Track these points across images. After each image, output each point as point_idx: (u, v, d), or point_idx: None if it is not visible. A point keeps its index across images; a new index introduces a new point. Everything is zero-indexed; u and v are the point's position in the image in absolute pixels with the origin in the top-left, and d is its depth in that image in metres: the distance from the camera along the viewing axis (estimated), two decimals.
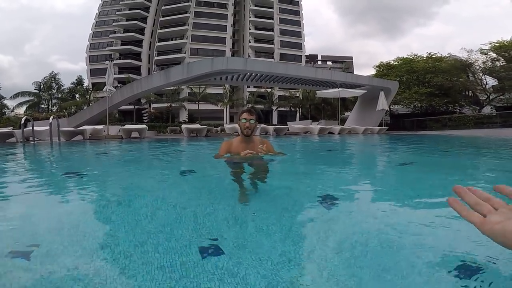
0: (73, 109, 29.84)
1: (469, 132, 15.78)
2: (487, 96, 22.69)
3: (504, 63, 20.47)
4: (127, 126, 11.70)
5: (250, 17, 46.44)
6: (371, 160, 4.49)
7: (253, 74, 16.76)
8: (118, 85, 28.83)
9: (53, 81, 34.78)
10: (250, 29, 46.12)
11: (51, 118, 8.47)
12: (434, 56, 25.13)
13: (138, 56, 45.04)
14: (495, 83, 22.18)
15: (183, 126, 12.61)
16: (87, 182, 2.33)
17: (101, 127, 11.84)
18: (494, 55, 20.96)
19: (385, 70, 25.75)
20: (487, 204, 0.40)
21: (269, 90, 34.53)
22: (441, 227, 1.15)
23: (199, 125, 13.60)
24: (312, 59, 64.70)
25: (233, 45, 46.97)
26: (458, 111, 24.53)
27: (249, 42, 45.76)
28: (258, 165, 2.53)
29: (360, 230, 1.16)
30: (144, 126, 12.04)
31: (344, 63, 56.29)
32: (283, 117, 36.20)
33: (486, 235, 0.37)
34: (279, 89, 35.27)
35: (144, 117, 34.39)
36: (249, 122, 2.50)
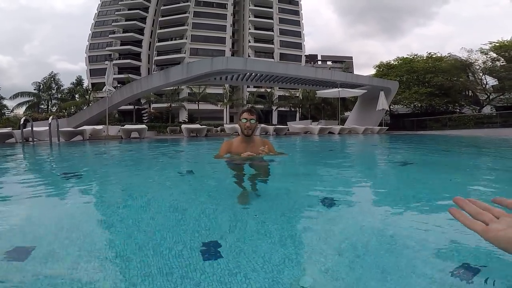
0: (72, 110, 29.81)
1: (469, 132, 15.78)
2: (487, 96, 22.70)
3: (504, 63, 20.49)
4: (127, 126, 11.69)
5: (249, 17, 46.44)
6: (371, 160, 4.49)
7: (253, 74, 16.75)
8: (118, 85, 28.76)
9: (53, 82, 34.70)
10: (249, 29, 46.12)
11: (50, 119, 8.45)
12: (434, 56, 25.14)
13: (137, 56, 45.03)
14: (495, 83, 22.20)
15: (183, 126, 12.60)
16: (86, 182, 2.32)
17: (100, 127, 11.84)
18: (494, 55, 20.98)
19: (385, 70, 25.78)
20: (488, 213, 0.41)
21: (269, 90, 34.54)
22: (442, 227, 1.14)
23: (199, 125, 13.59)
24: (312, 59, 64.66)
25: (232, 45, 46.96)
26: (458, 111, 24.55)
27: (249, 42, 45.75)
28: (259, 166, 2.51)
29: (360, 230, 1.15)
30: (143, 126, 12.03)
31: (344, 63, 56.23)
32: (283, 117, 36.18)
33: (489, 242, 0.38)
34: (279, 89, 35.27)
35: (144, 117, 34.42)
36: (250, 122, 2.48)
